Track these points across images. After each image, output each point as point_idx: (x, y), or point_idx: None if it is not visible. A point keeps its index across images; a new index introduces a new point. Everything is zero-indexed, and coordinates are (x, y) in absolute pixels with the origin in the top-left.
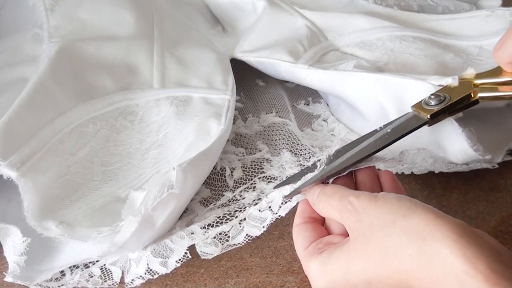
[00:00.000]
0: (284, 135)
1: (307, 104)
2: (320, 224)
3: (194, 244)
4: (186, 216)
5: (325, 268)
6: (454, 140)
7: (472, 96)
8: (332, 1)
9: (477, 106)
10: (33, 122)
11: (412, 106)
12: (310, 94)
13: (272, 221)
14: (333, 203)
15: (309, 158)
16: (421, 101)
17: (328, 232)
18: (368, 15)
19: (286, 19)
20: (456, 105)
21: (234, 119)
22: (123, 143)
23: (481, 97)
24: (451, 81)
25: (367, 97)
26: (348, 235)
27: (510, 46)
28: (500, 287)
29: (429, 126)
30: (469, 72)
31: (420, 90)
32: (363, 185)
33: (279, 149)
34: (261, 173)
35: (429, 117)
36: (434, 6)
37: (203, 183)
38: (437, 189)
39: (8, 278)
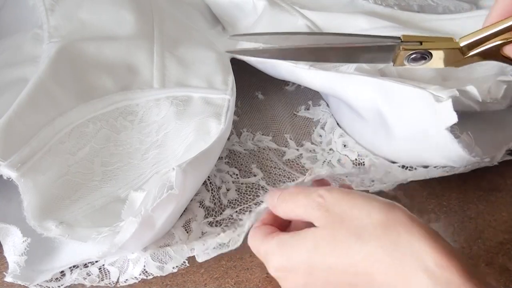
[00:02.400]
0: (280, 165)
1: (307, 109)
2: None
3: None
4: (184, 215)
5: (287, 246)
6: (451, 150)
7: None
8: (332, 1)
9: (473, 109)
10: (33, 122)
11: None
12: (310, 97)
13: None
14: (299, 200)
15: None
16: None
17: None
18: (368, 15)
19: (286, 19)
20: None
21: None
22: (123, 143)
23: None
24: (451, 94)
25: (366, 100)
26: None
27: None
28: (473, 279)
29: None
30: (469, 88)
31: (419, 98)
32: None
33: (275, 180)
34: (257, 198)
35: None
36: (434, 6)
37: (203, 185)
38: (437, 189)
39: (8, 278)
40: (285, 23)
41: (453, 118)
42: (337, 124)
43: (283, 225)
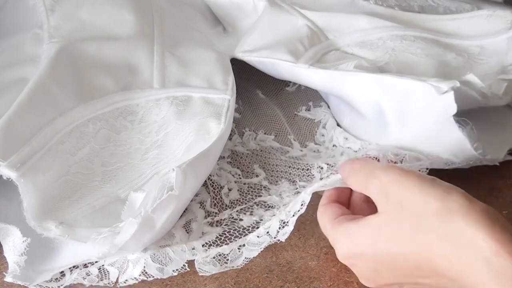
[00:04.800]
0: (282, 161)
1: (308, 110)
2: (346, 207)
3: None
4: (184, 216)
5: (353, 234)
6: (454, 141)
7: None
8: (332, 1)
9: (476, 105)
10: (33, 122)
11: None
12: (310, 98)
13: (271, 243)
14: (360, 179)
15: (306, 179)
16: None
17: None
18: (369, 15)
19: (286, 19)
20: None
21: (230, 134)
22: (123, 143)
23: None
24: (451, 84)
25: (366, 97)
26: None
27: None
28: None
29: None
30: (469, 77)
31: (419, 91)
32: None
33: (277, 176)
34: (258, 198)
35: None
36: (435, 6)
37: (203, 185)
38: None
39: (8, 278)
40: (285, 23)
41: (453, 109)
42: (338, 125)
43: (347, 200)
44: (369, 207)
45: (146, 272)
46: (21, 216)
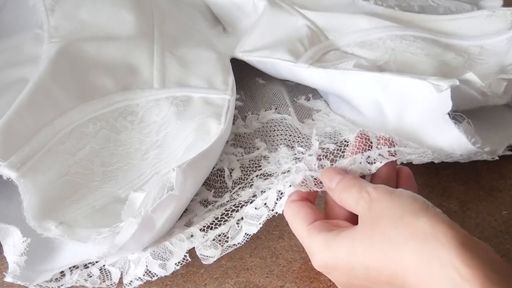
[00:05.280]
0: (282, 129)
1: (308, 100)
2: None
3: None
4: (185, 215)
5: (330, 245)
6: (452, 136)
7: None
8: (333, 1)
9: (475, 105)
10: (33, 122)
11: None
12: (310, 91)
13: (269, 217)
14: (353, 193)
15: (305, 146)
16: None
17: (327, 216)
18: (369, 15)
19: (286, 19)
20: None
21: (233, 119)
22: (123, 143)
23: None
24: (451, 83)
25: (366, 96)
26: (352, 224)
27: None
28: None
29: None
30: (469, 76)
31: (419, 89)
32: (379, 176)
33: (277, 144)
34: (258, 170)
35: None
36: (435, 6)
37: (203, 184)
38: (437, 189)
39: (8, 278)
40: (285, 23)
41: (449, 106)
42: None
43: (315, 197)
44: (345, 210)
45: (149, 272)
46: (21, 216)
